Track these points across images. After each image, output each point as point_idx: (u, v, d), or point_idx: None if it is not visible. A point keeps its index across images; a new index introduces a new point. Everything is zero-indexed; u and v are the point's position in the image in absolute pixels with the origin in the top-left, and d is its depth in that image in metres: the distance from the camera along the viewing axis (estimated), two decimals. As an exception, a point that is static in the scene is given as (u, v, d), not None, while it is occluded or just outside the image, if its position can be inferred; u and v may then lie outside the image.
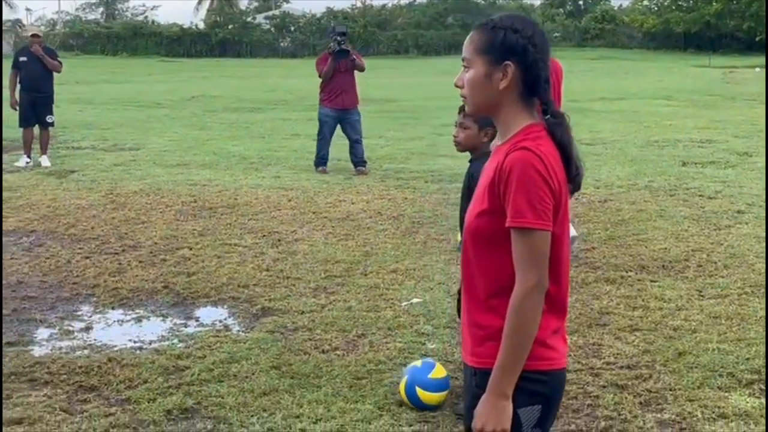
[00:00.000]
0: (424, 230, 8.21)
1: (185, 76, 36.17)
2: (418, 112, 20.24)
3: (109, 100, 23.09)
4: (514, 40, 2.30)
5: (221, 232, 8.07)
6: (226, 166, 12.22)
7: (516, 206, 2.20)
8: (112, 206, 9.23)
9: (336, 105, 11.85)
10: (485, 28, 2.37)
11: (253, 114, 20.35)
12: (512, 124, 2.34)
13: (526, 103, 2.34)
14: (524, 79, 2.31)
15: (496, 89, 2.32)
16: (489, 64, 2.32)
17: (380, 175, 11.40)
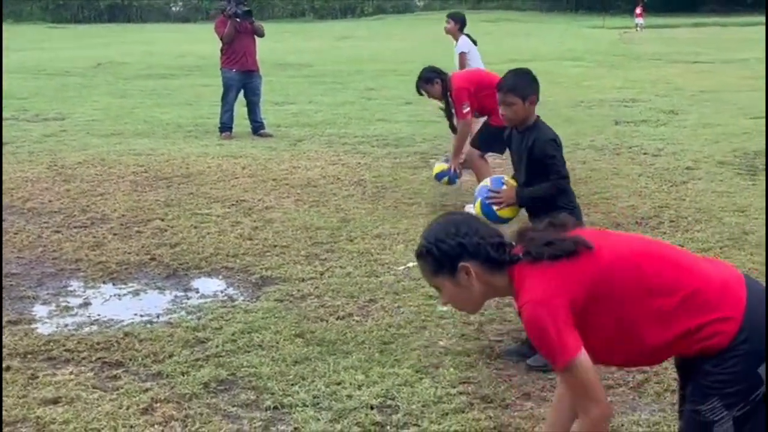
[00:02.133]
0: (390, 195, 8.23)
1: (83, 43, 34.97)
2: (339, 77, 20.14)
3: (12, 68, 22.10)
4: (446, 248, 2.50)
5: (187, 202, 7.91)
6: (163, 134, 11.95)
7: (549, 356, 2.42)
8: (60, 178, 8.92)
9: (241, 67, 11.72)
10: (421, 257, 2.59)
11: (169, 80, 19.91)
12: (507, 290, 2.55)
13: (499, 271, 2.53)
14: (482, 263, 2.51)
15: (472, 287, 2.53)
16: (450, 278, 2.53)
17: (325, 141, 11.34)
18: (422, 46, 32.56)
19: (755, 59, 23.26)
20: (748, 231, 6.66)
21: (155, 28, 56.80)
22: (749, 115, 12.81)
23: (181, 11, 76.47)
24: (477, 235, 2.52)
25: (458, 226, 2.54)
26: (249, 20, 11.66)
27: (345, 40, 37.83)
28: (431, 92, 7.61)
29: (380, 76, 20.42)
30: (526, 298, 2.42)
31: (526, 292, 2.44)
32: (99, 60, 24.78)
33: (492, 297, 2.62)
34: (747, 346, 2.39)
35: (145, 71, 21.91)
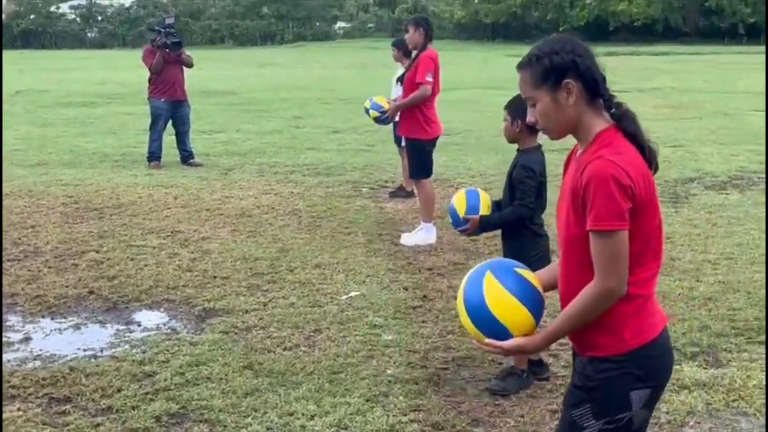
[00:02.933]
0: (326, 224, 8.29)
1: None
2: (265, 105, 20.17)
3: (-75, 96, 21.50)
4: (559, 60, 2.48)
5: (121, 234, 7.84)
6: (90, 164, 11.80)
7: (595, 212, 2.38)
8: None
9: (170, 97, 11.73)
10: (530, 64, 2.53)
11: (91, 109, 19.65)
12: (588, 134, 2.51)
13: (595, 109, 2.51)
14: (585, 87, 2.49)
15: (567, 108, 2.49)
16: (551, 91, 2.49)
17: (256, 170, 11.35)
18: (344, 73, 32.82)
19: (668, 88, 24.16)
20: (675, 257, 6.92)
21: (71, 54, 55.92)
22: (666, 144, 13.26)
23: (97, 37, 75.45)
24: (591, 59, 2.50)
25: (575, 45, 2.51)
26: (178, 51, 11.64)
27: (267, 68, 37.84)
28: (412, 37, 7.61)
29: (306, 104, 20.51)
30: (608, 153, 2.40)
31: (610, 150, 2.41)
32: (17, 88, 24.25)
33: (575, 131, 2.53)
34: (631, 365, 2.48)
35: (65, 99, 21.57)
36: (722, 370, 4.73)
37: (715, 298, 5.89)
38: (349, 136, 14.73)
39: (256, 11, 76.12)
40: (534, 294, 2.58)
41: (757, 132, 14.50)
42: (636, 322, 2.49)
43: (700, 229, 7.85)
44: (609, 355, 2.50)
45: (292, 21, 75.38)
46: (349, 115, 17.63)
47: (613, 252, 2.39)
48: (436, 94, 7.65)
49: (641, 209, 2.43)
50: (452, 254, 7.12)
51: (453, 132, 14.72)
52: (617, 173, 2.36)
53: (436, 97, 7.69)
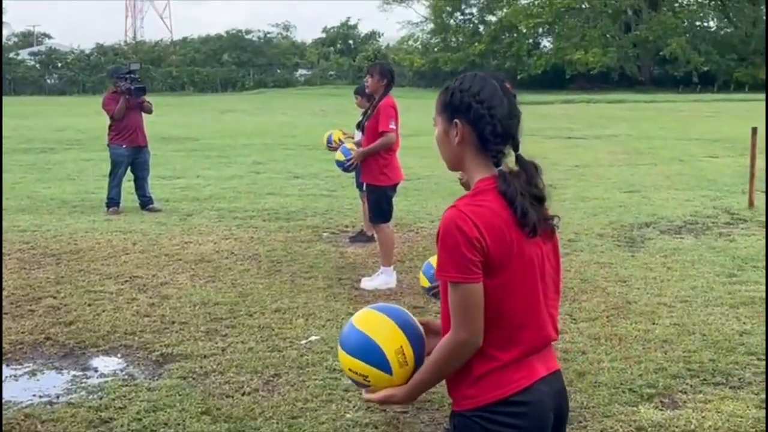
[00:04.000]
0: (286, 269, 8.29)
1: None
2: (226, 151, 20.16)
3: None
4: (458, 98, 2.47)
5: (78, 279, 7.77)
6: (47, 210, 11.70)
7: (440, 261, 2.38)
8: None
9: (131, 143, 11.71)
10: (442, 90, 2.57)
11: (49, 155, 19.51)
12: (471, 179, 2.52)
13: (484, 156, 2.48)
14: (475, 134, 2.46)
15: (454, 145, 2.49)
16: (445, 122, 2.51)
17: (215, 215, 11.32)
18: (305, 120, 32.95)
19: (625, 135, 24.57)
20: (631, 300, 7.01)
21: (30, 100, 55.60)
22: (623, 189, 13.50)
23: (57, 84, 75.03)
24: (491, 109, 2.44)
25: (484, 89, 2.47)
26: (141, 97, 11.65)
27: (228, 114, 37.90)
28: (373, 84, 7.66)
29: (267, 150, 20.54)
30: (464, 203, 2.40)
31: (469, 200, 2.41)
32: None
33: (461, 169, 2.52)
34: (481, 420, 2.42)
35: (23, 145, 21.42)
36: (678, 412, 4.78)
37: (671, 341, 5.97)
38: (310, 181, 14.78)
39: (217, 58, 76.33)
40: (404, 316, 2.55)
41: (710, 177, 14.81)
42: (488, 379, 2.42)
43: (655, 273, 7.96)
44: (461, 410, 2.46)
45: (253, 68, 75.68)
46: (310, 160, 17.71)
47: (462, 303, 2.35)
48: (397, 141, 7.75)
49: (497, 267, 2.37)
50: (412, 298, 7.15)
51: (413, 177, 14.82)
52: (464, 224, 2.33)
53: (397, 144, 7.78)
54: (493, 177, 2.44)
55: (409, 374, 2.48)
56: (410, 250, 9.11)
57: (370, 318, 2.55)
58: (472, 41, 69.90)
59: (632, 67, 67.22)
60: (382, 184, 7.68)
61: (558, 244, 2.58)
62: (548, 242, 2.53)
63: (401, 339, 2.47)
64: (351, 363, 2.50)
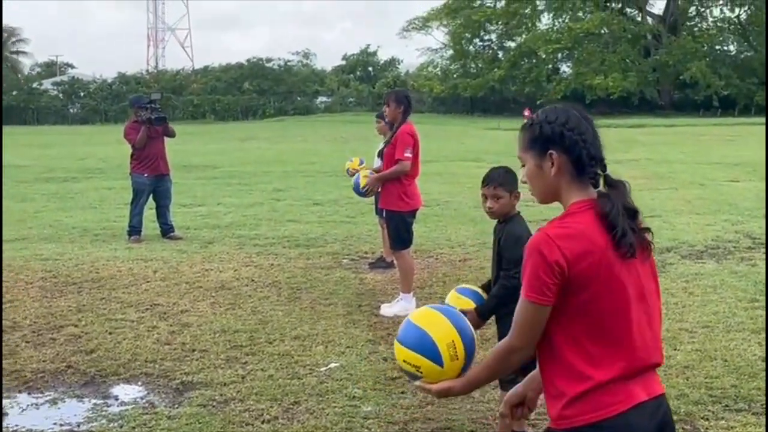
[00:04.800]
0: (306, 295, 8.31)
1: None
2: (246, 178, 20.26)
3: None
4: (549, 130, 2.56)
5: (100, 308, 7.82)
6: (69, 238, 11.79)
7: (524, 279, 2.51)
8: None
9: (153, 172, 11.80)
10: (525, 127, 2.66)
11: (72, 184, 19.68)
12: (565, 204, 2.58)
13: (580, 182, 2.57)
14: (570, 161, 2.56)
15: (549, 177, 2.57)
16: (537, 157, 2.59)
17: (236, 243, 11.37)
18: (325, 147, 33.09)
19: (645, 159, 24.50)
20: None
21: (53, 129, 56.20)
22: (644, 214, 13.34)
23: (80, 113, 75.83)
24: (582, 135, 2.54)
25: (570, 117, 2.57)
26: (162, 125, 11.76)
27: (249, 142, 38.11)
28: (391, 112, 7.72)
29: (287, 177, 20.63)
30: (552, 227, 2.49)
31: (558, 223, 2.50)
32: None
33: (558, 199, 2.60)
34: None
35: (46, 174, 21.63)
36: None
37: (693, 366, 5.92)
38: (330, 208, 14.82)
39: (238, 86, 76.91)
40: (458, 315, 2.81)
41: (732, 202, 14.72)
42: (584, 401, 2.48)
43: (677, 298, 7.92)
44: (555, 428, 2.53)
45: (273, 96, 76.19)
46: (330, 187, 17.76)
47: (525, 318, 2.50)
48: (416, 167, 7.77)
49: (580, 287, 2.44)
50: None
51: (433, 203, 14.86)
52: (546, 249, 2.43)
53: (416, 170, 7.80)
54: (589, 199, 2.53)
55: (459, 368, 2.69)
56: (430, 276, 9.10)
57: (426, 314, 2.79)
58: (492, 67, 70.03)
59: (652, 91, 67.13)
60: (401, 210, 7.71)
61: (655, 265, 2.67)
62: (646, 262, 2.62)
63: (453, 334, 2.69)
64: (406, 354, 2.70)
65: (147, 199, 11.85)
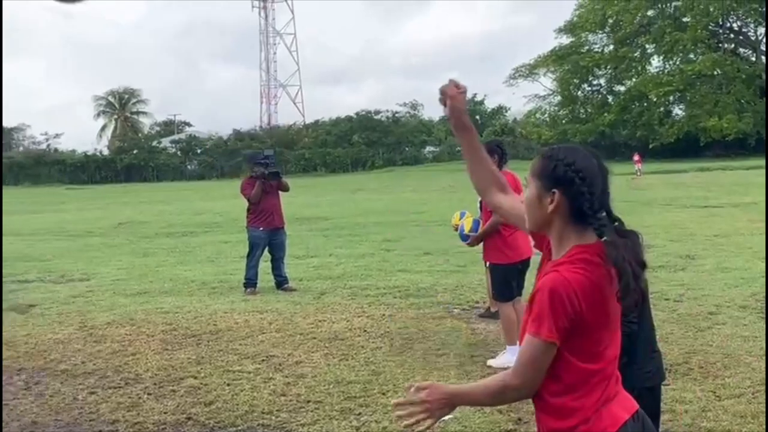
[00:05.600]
0: (418, 346, 8.31)
1: (102, 203, 35.79)
2: (357, 229, 20.52)
3: (36, 230, 22.68)
4: (562, 171, 2.56)
5: (218, 359, 8.00)
6: (188, 291, 12.14)
7: (533, 316, 2.48)
8: (92, 339, 9.05)
9: (268, 225, 12.09)
10: (543, 156, 2.66)
11: (190, 238, 20.31)
12: (561, 244, 2.59)
13: (576, 226, 2.57)
14: (571, 206, 2.56)
15: (545, 211, 2.59)
16: (540, 188, 2.61)
17: (348, 293, 11.49)
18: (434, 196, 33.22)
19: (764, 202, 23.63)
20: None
21: (171, 186, 58.16)
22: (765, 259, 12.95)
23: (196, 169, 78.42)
24: (590, 188, 2.54)
25: (586, 165, 2.56)
26: (276, 180, 12.07)
27: (358, 193, 38.64)
28: None
29: (397, 227, 20.79)
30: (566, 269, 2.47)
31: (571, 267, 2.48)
32: (119, 219, 25.32)
33: (547, 232, 2.63)
34: None
35: (166, 229, 22.38)
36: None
37: (824, 418, 5.65)
38: (440, 257, 14.83)
39: (347, 139, 78.21)
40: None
41: None
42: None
43: (805, 346, 7.57)
44: None
45: (382, 147, 77.14)
46: (440, 237, 17.78)
47: (530, 356, 2.48)
48: None
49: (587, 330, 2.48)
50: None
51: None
52: (563, 290, 2.44)
53: None
54: (594, 245, 2.52)
55: None
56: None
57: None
58: (601, 112, 69.32)
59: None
60: (500, 262, 7.69)
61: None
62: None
63: None
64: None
65: (262, 252, 12.14)
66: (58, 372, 7.72)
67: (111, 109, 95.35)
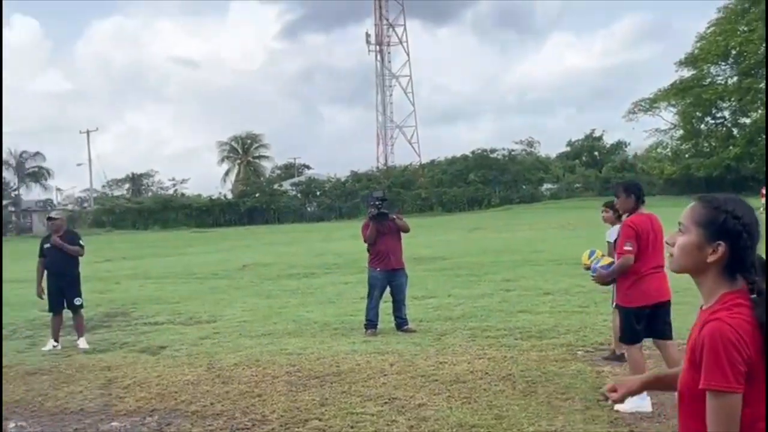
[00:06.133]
0: (541, 389, 8.20)
1: (226, 246, 36.82)
2: (474, 269, 20.46)
3: (164, 273, 23.51)
4: (732, 225, 2.55)
5: (341, 401, 8.09)
6: (311, 333, 12.34)
7: (709, 371, 2.44)
8: (219, 380, 9.30)
9: (385, 266, 12.19)
10: (709, 205, 2.61)
11: (311, 279, 20.66)
12: (713, 292, 2.58)
13: (729, 275, 2.56)
14: (731, 258, 2.55)
15: (703, 260, 2.57)
16: (703, 238, 2.58)
17: (468, 334, 11.45)
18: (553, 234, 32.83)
19: None
20: None
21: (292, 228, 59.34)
22: None
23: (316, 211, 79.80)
24: (753, 243, 2.56)
25: (753, 223, 2.57)
26: (384, 222, 12.19)
27: (475, 232, 38.54)
28: (621, 203, 7.63)
29: (515, 266, 20.63)
30: (721, 315, 2.47)
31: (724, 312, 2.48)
32: (243, 262, 25.98)
33: (696, 278, 2.61)
34: None
35: (288, 271, 22.83)
36: None
37: None
38: (561, 297, 14.63)
39: (464, 178, 78.19)
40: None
41: None
42: None
43: None
44: None
45: (498, 185, 76.82)
46: (560, 276, 17.56)
47: (722, 413, 2.43)
48: (647, 261, 7.47)
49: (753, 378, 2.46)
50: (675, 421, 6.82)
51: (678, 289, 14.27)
52: (733, 336, 2.42)
53: (646, 264, 7.49)
54: (744, 293, 2.53)
55: None
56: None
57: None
58: (726, 145, 67.21)
59: None
60: (626, 305, 7.53)
61: None
62: None
63: None
64: None
65: (381, 294, 12.25)
66: (188, 413, 7.96)
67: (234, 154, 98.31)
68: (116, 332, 13.21)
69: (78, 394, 8.94)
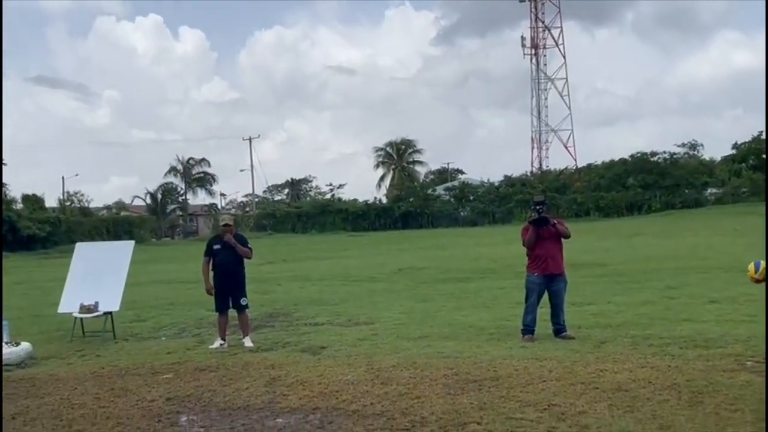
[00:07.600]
0: (708, 400, 7.91)
1: (382, 249, 37.35)
2: (635, 276, 19.94)
3: (323, 276, 24.08)
4: None
5: (500, 406, 8.06)
6: (466, 337, 12.35)
7: None
8: (378, 381, 9.44)
9: (543, 271, 12.00)
10: None
11: (465, 284, 20.67)
12: None
13: None
14: None
15: None
16: None
17: (629, 342, 11.17)
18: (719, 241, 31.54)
19: None
20: None
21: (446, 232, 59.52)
22: None
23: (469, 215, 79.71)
24: None
25: None
26: (544, 226, 12.05)
27: (635, 238, 37.51)
28: None
29: (679, 274, 19.96)
30: None
31: None
32: (399, 265, 26.28)
33: None
34: None
35: (443, 275, 22.93)
36: None
37: None
38: (728, 306, 14.06)
39: (622, 182, 76.25)
40: None
41: None
42: None
43: None
44: None
45: (659, 190, 74.44)
46: (727, 284, 16.88)
47: None
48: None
49: None
50: None
51: None
52: None
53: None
54: None
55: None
56: None
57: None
58: None
59: None
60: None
61: None
62: None
63: None
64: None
65: (538, 299, 12.11)
66: (349, 412, 8.13)
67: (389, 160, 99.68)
68: (279, 332, 13.63)
69: (244, 390, 9.27)
